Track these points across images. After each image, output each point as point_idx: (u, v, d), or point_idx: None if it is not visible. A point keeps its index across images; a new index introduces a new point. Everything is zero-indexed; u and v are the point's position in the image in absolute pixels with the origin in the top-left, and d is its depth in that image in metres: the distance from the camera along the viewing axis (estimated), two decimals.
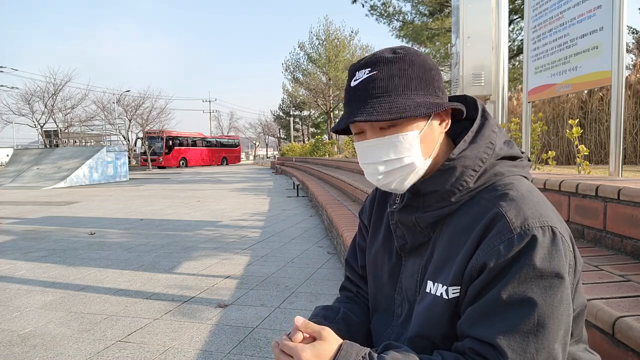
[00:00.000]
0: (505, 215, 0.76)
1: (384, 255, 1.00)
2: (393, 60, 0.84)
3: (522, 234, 0.73)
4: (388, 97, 0.81)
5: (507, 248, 0.74)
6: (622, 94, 2.60)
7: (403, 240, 0.93)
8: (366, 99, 0.83)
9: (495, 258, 0.74)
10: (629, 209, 1.62)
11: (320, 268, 4.13)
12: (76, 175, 17.13)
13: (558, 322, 0.71)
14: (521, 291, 0.72)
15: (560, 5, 3.16)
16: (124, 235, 5.98)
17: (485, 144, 0.85)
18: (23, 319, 2.97)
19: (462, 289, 0.80)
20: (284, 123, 50.02)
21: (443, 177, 0.84)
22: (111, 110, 35.08)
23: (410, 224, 0.90)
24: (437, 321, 0.82)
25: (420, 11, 16.95)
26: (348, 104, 0.87)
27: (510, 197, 0.79)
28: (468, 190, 0.84)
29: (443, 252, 0.84)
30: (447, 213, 0.85)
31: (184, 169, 32.89)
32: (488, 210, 0.79)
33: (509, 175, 0.85)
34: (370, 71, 0.84)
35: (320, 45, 36.00)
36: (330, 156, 16.63)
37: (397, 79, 0.82)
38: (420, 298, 0.87)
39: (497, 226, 0.76)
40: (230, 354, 2.41)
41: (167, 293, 3.46)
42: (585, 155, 2.88)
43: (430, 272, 0.86)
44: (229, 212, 8.27)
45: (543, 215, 0.76)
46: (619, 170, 2.67)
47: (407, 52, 0.85)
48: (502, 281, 0.73)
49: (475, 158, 0.84)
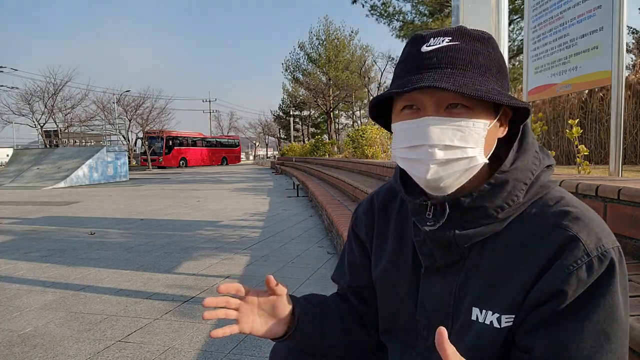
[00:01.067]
0: (577, 237, 0.69)
1: (396, 272, 0.89)
2: (478, 38, 0.74)
3: (601, 257, 0.68)
4: (471, 72, 0.71)
5: (588, 273, 0.67)
6: (622, 94, 2.60)
7: (431, 260, 0.82)
8: (446, 68, 0.70)
9: (576, 284, 0.67)
10: (629, 209, 1.62)
11: (320, 268, 4.13)
12: (76, 175, 17.13)
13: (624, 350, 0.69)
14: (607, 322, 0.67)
15: (560, 5, 3.16)
16: (124, 235, 5.98)
17: (532, 153, 0.77)
18: (23, 319, 2.97)
19: (519, 316, 0.72)
20: (284, 123, 50.02)
21: (494, 192, 0.74)
22: (111, 110, 35.10)
23: (445, 242, 0.78)
24: (486, 353, 0.75)
25: (420, 11, 16.97)
26: (414, 70, 0.72)
27: (574, 216, 0.71)
28: (518, 205, 0.75)
29: (490, 275, 0.75)
30: (492, 230, 0.75)
31: (184, 169, 32.90)
32: (550, 230, 0.71)
33: (553, 186, 0.78)
34: (451, 40, 0.72)
35: (320, 45, 36.03)
36: (330, 156, 16.63)
37: (482, 58, 0.72)
38: (463, 326, 0.78)
39: (569, 249, 0.69)
40: (230, 354, 2.41)
41: (167, 293, 3.46)
42: (585, 155, 2.88)
43: (473, 297, 0.77)
44: (229, 212, 8.27)
45: (610, 234, 0.71)
46: (619, 170, 2.67)
47: (491, 36, 0.76)
48: (584, 310, 0.67)
49: (526, 170, 0.75)
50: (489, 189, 0.74)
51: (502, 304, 0.73)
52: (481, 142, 0.73)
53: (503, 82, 0.75)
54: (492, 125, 0.74)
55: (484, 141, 0.73)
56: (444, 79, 0.68)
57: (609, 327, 0.67)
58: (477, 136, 0.72)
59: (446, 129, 0.71)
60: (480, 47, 0.73)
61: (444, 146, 0.71)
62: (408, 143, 0.74)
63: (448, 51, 0.71)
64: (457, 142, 0.71)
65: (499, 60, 0.75)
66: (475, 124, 0.71)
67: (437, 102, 0.71)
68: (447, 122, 0.71)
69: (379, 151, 10.11)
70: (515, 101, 0.72)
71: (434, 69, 0.71)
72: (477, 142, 0.72)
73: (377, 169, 6.86)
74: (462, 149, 0.71)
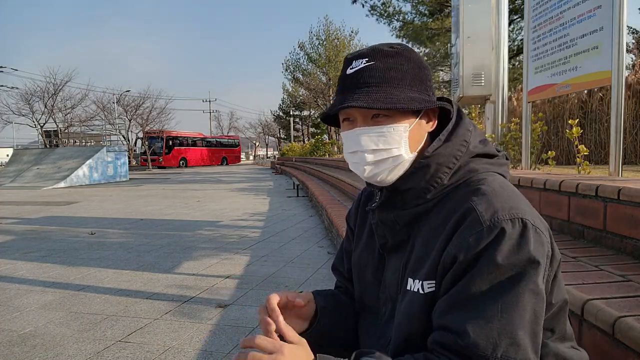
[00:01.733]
0: (475, 209, 0.77)
1: (367, 256, 1.01)
2: (391, 54, 0.86)
3: (492, 226, 0.75)
4: (384, 87, 0.84)
5: (476, 241, 0.75)
6: (622, 94, 2.60)
7: (384, 239, 0.94)
8: (362, 87, 0.84)
9: (465, 251, 0.75)
10: (629, 209, 1.62)
11: (321, 268, 4.13)
12: (76, 175, 17.13)
13: (522, 309, 0.72)
14: (488, 281, 0.73)
15: (560, 5, 3.16)
16: (124, 235, 5.98)
17: (459, 142, 0.87)
18: (23, 319, 2.97)
19: (437, 282, 0.81)
20: (284, 123, 50.01)
21: (418, 174, 0.86)
22: (111, 110, 35.07)
23: (390, 222, 0.91)
24: (416, 317, 0.83)
25: (420, 11, 16.95)
26: (342, 91, 0.87)
27: (481, 192, 0.80)
28: (443, 187, 0.85)
29: (421, 249, 0.86)
30: (423, 210, 0.87)
31: (184, 169, 32.90)
32: (460, 205, 0.81)
33: (483, 172, 0.86)
34: (367, 61, 0.85)
35: (320, 45, 35.99)
36: (330, 156, 16.62)
37: (394, 72, 0.85)
38: (402, 296, 0.88)
39: (467, 220, 0.77)
40: (230, 354, 2.40)
41: (167, 293, 3.46)
42: (585, 155, 2.88)
43: (410, 269, 0.87)
44: (229, 212, 8.27)
45: (513, 207, 0.77)
46: (619, 170, 2.67)
47: (405, 48, 0.88)
48: (469, 273, 0.75)
49: (449, 155, 0.86)
50: (414, 172, 0.87)
51: (425, 273, 0.83)
52: (404, 142, 0.86)
53: (420, 86, 0.87)
54: (414, 125, 0.87)
55: (407, 140, 0.86)
56: (361, 98, 0.82)
57: (489, 285, 0.73)
58: (398, 138, 0.85)
59: (372, 135, 0.86)
60: (393, 62, 0.86)
61: (372, 150, 0.86)
62: (349, 149, 0.90)
63: (364, 72, 0.85)
64: (382, 145, 0.85)
65: (413, 69, 0.87)
66: (395, 128, 0.85)
67: (364, 115, 0.86)
68: (372, 130, 0.86)
69: None
70: (425, 104, 0.85)
71: (353, 89, 0.85)
72: (400, 143, 0.85)
73: None
74: (387, 150, 0.86)
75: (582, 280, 1.37)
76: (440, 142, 0.87)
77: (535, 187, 2.24)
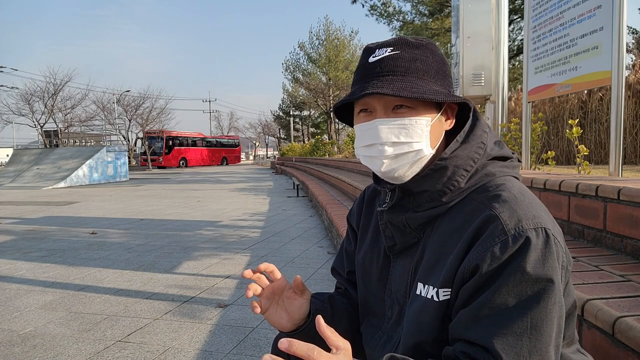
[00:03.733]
0: (498, 217, 0.74)
1: (372, 257, 0.98)
2: (416, 45, 0.84)
3: (516, 235, 0.72)
4: (409, 77, 0.81)
5: (501, 250, 0.72)
6: (622, 94, 2.60)
7: (392, 241, 0.91)
8: (387, 75, 0.81)
9: (490, 260, 0.72)
10: (629, 209, 1.62)
11: (321, 268, 4.13)
12: (76, 175, 17.13)
13: (551, 325, 0.70)
14: (515, 294, 0.71)
15: (560, 5, 3.16)
16: (124, 235, 5.98)
17: (477, 143, 0.84)
18: (23, 319, 2.97)
19: (453, 291, 0.78)
20: (284, 123, 50.01)
21: (434, 176, 0.83)
22: (111, 110, 35.11)
23: (400, 224, 0.88)
24: (427, 325, 0.80)
25: (420, 11, 16.96)
26: (363, 79, 0.84)
27: (503, 199, 0.77)
28: (459, 190, 0.82)
29: (434, 254, 0.82)
30: (438, 213, 0.84)
31: (183, 169, 32.89)
32: (480, 211, 0.77)
33: (500, 175, 0.84)
34: (392, 50, 0.83)
35: (320, 45, 35.99)
36: (330, 156, 16.63)
37: (419, 63, 0.82)
38: (411, 301, 0.85)
39: (490, 228, 0.74)
40: (230, 354, 2.41)
41: (167, 293, 3.46)
42: (585, 155, 2.88)
43: (420, 273, 0.84)
44: (229, 212, 8.27)
45: (536, 216, 0.75)
46: (619, 170, 2.67)
47: (429, 41, 0.86)
48: (495, 284, 0.72)
49: (467, 158, 0.83)
50: (429, 173, 0.83)
51: (440, 279, 0.79)
52: (426, 136, 0.82)
53: (443, 81, 0.85)
54: (436, 120, 0.84)
55: (428, 135, 0.83)
56: (384, 86, 0.79)
57: (517, 299, 0.70)
58: (420, 131, 0.82)
59: (393, 127, 0.82)
60: (418, 54, 0.83)
61: (392, 143, 0.82)
62: (364, 142, 0.86)
63: (389, 60, 0.82)
64: (403, 138, 0.82)
65: (438, 63, 0.85)
66: (418, 120, 0.81)
67: (385, 105, 0.82)
68: (393, 121, 0.82)
69: None
70: (451, 97, 0.82)
71: (377, 77, 0.82)
72: (422, 136, 0.82)
73: None
74: (408, 144, 0.82)
75: (582, 280, 1.37)
76: (457, 143, 0.84)
77: (535, 187, 2.24)
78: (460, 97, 0.84)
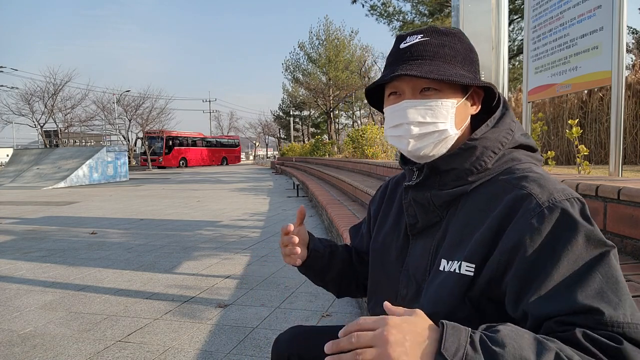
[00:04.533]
0: (531, 194, 0.76)
1: (392, 237, 1.01)
2: (446, 33, 0.90)
3: (552, 207, 0.73)
4: (436, 61, 0.86)
5: (539, 221, 0.73)
6: (622, 94, 2.60)
7: (414, 219, 0.94)
8: (416, 59, 0.87)
9: (530, 233, 0.73)
10: (629, 209, 1.62)
11: None
12: (76, 175, 17.13)
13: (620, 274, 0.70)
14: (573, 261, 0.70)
15: (560, 5, 3.16)
16: (124, 235, 5.98)
17: (505, 129, 0.89)
18: (23, 319, 2.97)
19: (479, 268, 0.78)
20: (284, 123, 49.99)
21: (463, 155, 0.87)
22: (111, 110, 35.12)
23: (425, 201, 0.91)
24: (445, 297, 0.81)
25: (420, 11, 16.96)
26: (393, 63, 0.89)
27: (531, 178, 0.80)
28: (485, 170, 0.86)
29: (458, 232, 0.84)
30: (462, 192, 0.87)
31: (183, 169, 32.89)
32: (508, 191, 0.80)
33: (525, 162, 0.87)
34: (422, 37, 0.89)
35: (320, 45, 35.96)
36: (330, 156, 16.62)
37: (447, 49, 0.88)
38: (432, 277, 0.87)
39: (524, 205, 0.76)
40: (230, 354, 2.41)
41: (167, 293, 3.46)
42: (585, 155, 2.88)
43: (444, 251, 0.86)
44: (229, 212, 8.27)
45: (565, 189, 0.77)
46: (619, 170, 2.67)
47: (459, 31, 0.93)
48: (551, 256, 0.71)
49: (495, 141, 0.87)
50: (459, 152, 0.87)
51: (464, 254, 0.81)
52: (451, 118, 0.87)
53: (470, 67, 0.90)
54: (461, 103, 0.89)
55: (454, 117, 0.87)
56: (413, 68, 0.85)
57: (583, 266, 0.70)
58: (445, 112, 0.87)
59: (419, 108, 0.87)
60: (447, 40, 0.89)
61: (418, 123, 0.87)
62: (392, 123, 0.91)
63: (419, 46, 0.88)
64: (429, 119, 0.86)
65: (465, 50, 0.91)
66: (444, 102, 0.86)
67: (413, 87, 0.88)
68: (420, 103, 0.87)
69: (379, 151, 10.09)
70: (476, 81, 0.87)
71: (407, 61, 0.87)
72: (447, 117, 0.87)
73: (377, 169, 6.86)
74: (433, 124, 0.87)
75: None
76: (488, 127, 0.88)
77: None
78: (485, 82, 0.88)
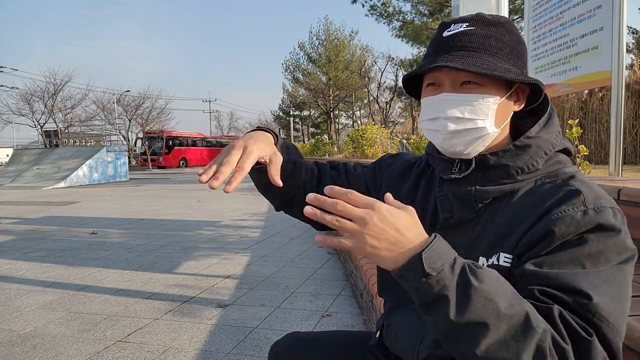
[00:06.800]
0: (580, 191, 0.75)
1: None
2: (493, 22, 0.83)
3: (596, 209, 0.72)
4: (481, 53, 0.80)
5: (582, 217, 0.71)
6: (622, 94, 2.60)
7: (449, 214, 0.88)
8: (459, 50, 0.81)
9: (568, 224, 0.71)
10: (629, 209, 1.62)
11: (321, 268, 4.13)
12: (76, 175, 17.12)
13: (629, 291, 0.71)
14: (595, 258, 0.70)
15: (560, 5, 3.16)
16: (124, 235, 5.98)
17: (555, 130, 0.85)
18: (23, 319, 2.97)
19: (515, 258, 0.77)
20: (284, 123, 49.99)
21: (517, 153, 0.82)
22: (111, 110, 35.13)
23: (466, 196, 0.85)
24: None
25: (420, 11, 16.98)
26: (434, 52, 0.84)
27: (580, 179, 0.78)
28: (536, 170, 0.82)
29: (500, 230, 0.81)
30: (509, 190, 0.82)
31: (184, 169, 32.88)
32: (556, 190, 0.78)
33: (569, 165, 0.85)
34: (468, 26, 0.82)
35: (320, 45, 35.96)
36: (330, 156, 16.62)
37: (494, 41, 0.81)
38: None
39: (571, 199, 0.74)
40: (230, 354, 2.41)
41: (167, 293, 3.46)
42: (585, 155, 2.88)
43: (482, 249, 0.82)
44: (229, 212, 8.27)
45: (611, 199, 0.76)
46: (619, 170, 2.67)
47: (507, 20, 0.85)
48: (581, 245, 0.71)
49: (547, 141, 0.83)
50: (514, 150, 0.82)
51: (504, 249, 0.79)
52: (491, 115, 0.81)
53: (516, 61, 0.83)
54: (504, 100, 0.83)
55: (494, 114, 0.82)
56: (454, 60, 0.78)
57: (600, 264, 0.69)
58: (486, 109, 0.81)
59: (458, 103, 0.81)
60: (494, 31, 0.82)
61: (455, 118, 0.81)
62: (429, 116, 0.85)
63: (463, 35, 0.82)
64: (468, 115, 0.81)
65: (513, 42, 0.83)
66: (485, 98, 0.80)
67: (453, 80, 0.82)
68: (459, 97, 0.81)
69: (379, 151, 10.09)
70: (522, 77, 0.80)
71: (449, 51, 0.81)
72: (487, 115, 0.81)
73: None
74: (472, 121, 0.81)
75: None
76: (540, 126, 0.84)
77: None
78: (532, 78, 0.82)
